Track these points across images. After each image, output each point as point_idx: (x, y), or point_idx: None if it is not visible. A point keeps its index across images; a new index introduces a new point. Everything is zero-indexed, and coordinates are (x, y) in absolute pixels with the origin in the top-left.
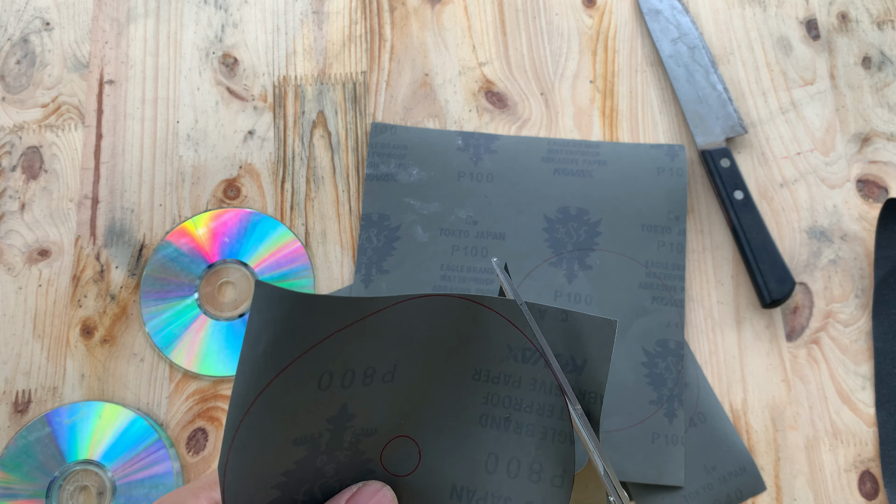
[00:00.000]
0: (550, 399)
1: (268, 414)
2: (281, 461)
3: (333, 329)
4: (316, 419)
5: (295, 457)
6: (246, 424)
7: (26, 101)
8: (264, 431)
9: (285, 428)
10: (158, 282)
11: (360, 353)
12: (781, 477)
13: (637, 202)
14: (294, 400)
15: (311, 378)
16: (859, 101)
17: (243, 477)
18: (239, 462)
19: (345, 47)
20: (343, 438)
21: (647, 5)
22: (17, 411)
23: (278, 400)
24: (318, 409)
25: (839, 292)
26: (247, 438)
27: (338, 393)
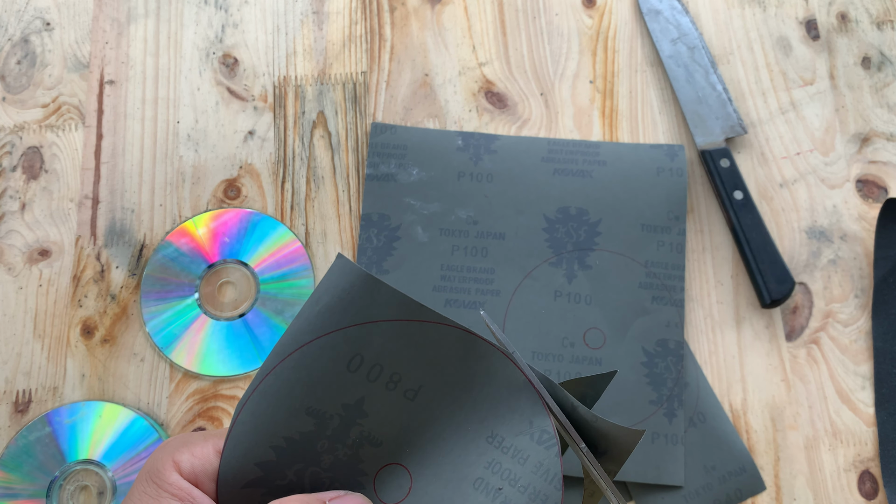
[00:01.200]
0: (547, 489)
1: (297, 371)
2: (289, 424)
3: (382, 317)
4: (333, 398)
5: (301, 427)
6: (277, 372)
7: (27, 102)
8: (287, 386)
9: (305, 393)
10: (159, 282)
11: (394, 354)
12: (781, 477)
13: (637, 202)
14: (322, 368)
15: (344, 355)
16: (859, 101)
17: (253, 425)
18: (256, 407)
19: (345, 47)
20: (349, 433)
21: (647, 5)
22: (18, 411)
23: (310, 362)
24: (339, 388)
25: (839, 292)
26: (271, 387)
27: (361, 383)
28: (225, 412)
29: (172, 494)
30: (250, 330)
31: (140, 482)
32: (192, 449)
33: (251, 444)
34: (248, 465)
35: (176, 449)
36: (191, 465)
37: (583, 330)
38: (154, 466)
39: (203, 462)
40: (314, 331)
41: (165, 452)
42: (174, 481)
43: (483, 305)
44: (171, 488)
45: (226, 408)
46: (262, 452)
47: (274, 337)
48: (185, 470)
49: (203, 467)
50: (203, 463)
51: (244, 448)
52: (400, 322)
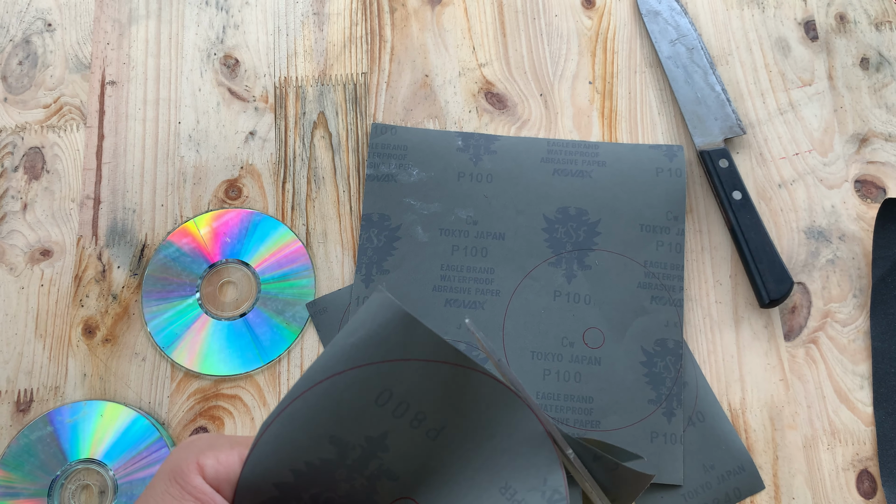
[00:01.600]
0: None
1: (325, 399)
2: (311, 450)
3: (416, 356)
4: (358, 430)
5: (323, 454)
6: (305, 398)
7: (28, 102)
8: (314, 413)
9: (331, 421)
10: (160, 282)
11: (423, 393)
12: (780, 476)
13: (636, 202)
14: (351, 400)
15: (374, 389)
16: (857, 101)
17: (275, 446)
18: (280, 429)
19: (345, 48)
20: (369, 465)
21: (646, 6)
22: (20, 410)
23: (340, 392)
24: (364, 421)
25: (837, 292)
26: (298, 412)
27: (387, 418)
28: (226, 411)
29: (196, 498)
30: (251, 329)
31: (162, 479)
32: (217, 454)
33: (271, 465)
34: (267, 485)
35: (201, 451)
36: (215, 470)
37: (582, 330)
38: (178, 466)
39: (227, 469)
40: (347, 362)
41: (191, 453)
42: (198, 485)
43: (483, 305)
44: (195, 491)
45: (227, 407)
46: (281, 473)
47: (274, 336)
48: (209, 475)
49: (227, 474)
50: (227, 470)
51: (264, 468)
52: (433, 363)
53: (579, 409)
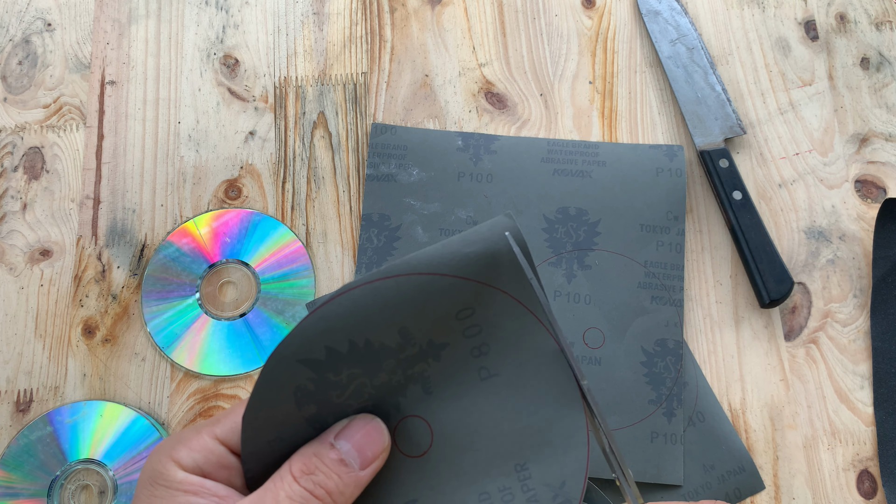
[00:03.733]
0: None
1: (417, 291)
2: (378, 330)
3: (511, 293)
4: (427, 331)
5: (386, 339)
6: (398, 281)
7: (28, 102)
8: (400, 299)
9: (411, 313)
10: (160, 282)
11: (498, 329)
12: (780, 476)
13: (636, 202)
14: (438, 302)
15: (462, 301)
16: (858, 101)
17: (349, 309)
18: (361, 298)
19: (345, 48)
20: (415, 366)
21: (646, 6)
22: (19, 410)
23: (434, 291)
24: (437, 326)
25: (837, 292)
26: (387, 290)
27: (456, 332)
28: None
29: (185, 492)
30: (251, 330)
31: (143, 488)
32: (188, 444)
33: (333, 325)
34: (314, 347)
35: (172, 448)
36: (192, 459)
37: (582, 329)
38: (155, 470)
39: (204, 452)
40: (453, 268)
41: (162, 455)
42: (182, 478)
43: None
44: (182, 485)
45: (227, 407)
46: (338, 340)
47: (274, 336)
48: (189, 466)
49: (206, 458)
50: (205, 454)
51: (321, 329)
52: (522, 308)
53: None
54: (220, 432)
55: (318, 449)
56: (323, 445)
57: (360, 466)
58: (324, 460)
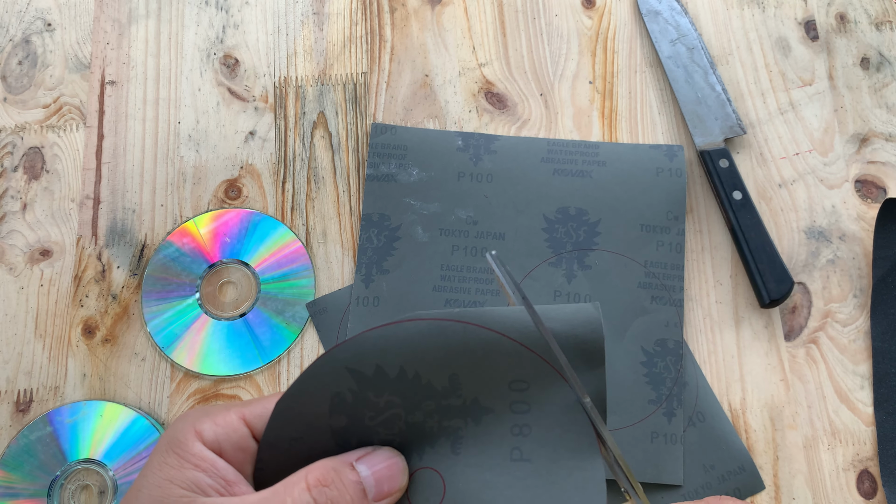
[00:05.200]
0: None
1: (484, 347)
2: (431, 368)
3: (571, 383)
4: (473, 389)
5: (434, 378)
6: (467, 328)
7: (28, 102)
8: (463, 348)
9: (467, 364)
10: (160, 282)
11: (548, 417)
12: (780, 476)
13: (636, 202)
14: (497, 365)
15: (519, 373)
16: (858, 101)
17: (409, 336)
18: (428, 330)
19: (345, 48)
20: (453, 420)
21: (646, 6)
22: (19, 411)
23: (499, 354)
24: (485, 387)
25: (837, 292)
26: (454, 333)
27: (503, 403)
28: None
29: (195, 465)
30: (251, 330)
31: (159, 452)
32: (214, 418)
33: (390, 348)
34: (366, 361)
35: (197, 419)
36: (214, 433)
37: None
38: (174, 437)
39: (227, 430)
40: (524, 336)
41: (186, 423)
42: (197, 451)
43: (483, 305)
44: (194, 459)
45: None
46: (390, 362)
47: (274, 336)
48: (209, 439)
49: (227, 435)
50: (227, 431)
51: (381, 345)
52: (579, 406)
53: None
54: (249, 414)
55: (338, 466)
56: (344, 464)
57: (374, 498)
58: (342, 478)
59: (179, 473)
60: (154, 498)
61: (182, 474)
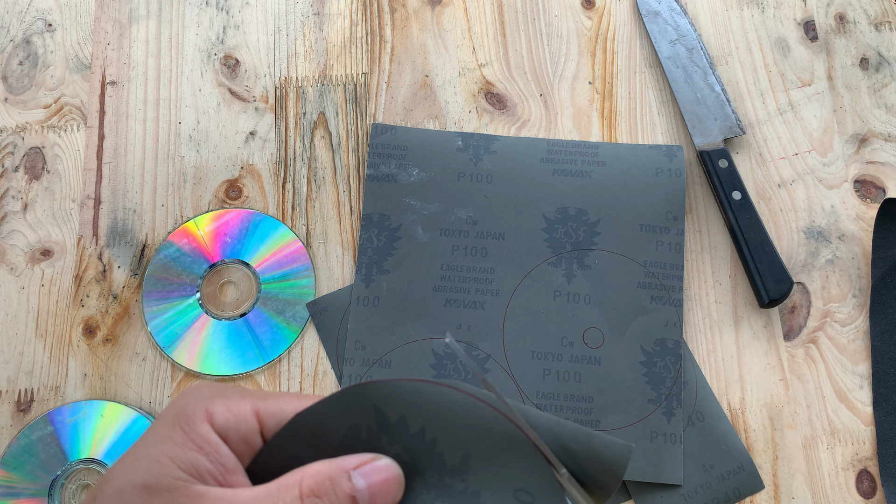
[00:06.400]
0: None
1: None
2: (447, 448)
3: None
4: (479, 477)
5: (450, 459)
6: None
7: (29, 102)
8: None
9: (479, 446)
10: (160, 281)
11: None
12: (779, 476)
13: (636, 202)
14: (510, 460)
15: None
16: (857, 101)
17: (402, 387)
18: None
19: (345, 49)
20: (453, 486)
21: (646, 7)
22: (20, 410)
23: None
24: (490, 470)
25: (837, 292)
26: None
27: (507, 498)
28: None
29: (199, 447)
30: (251, 329)
31: (164, 423)
32: (228, 403)
33: (420, 406)
34: (394, 407)
35: (210, 398)
36: (225, 420)
37: (582, 329)
38: (184, 411)
39: (237, 419)
40: (546, 442)
41: (199, 399)
42: (204, 433)
43: (483, 305)
44: (199, 440)
45: None
46: (414, 419)
47: (275, 336)
48: (219, 423)
49: (237, 425)
50: (238, 421)
51: (413, 398)
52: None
53: (579, 409)
54: (263, 410)
55: (335, 474)
56: (341, 473)
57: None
58: (336, 489)
59: (182, 452)
60: (152, 472)
61: (184, 454)
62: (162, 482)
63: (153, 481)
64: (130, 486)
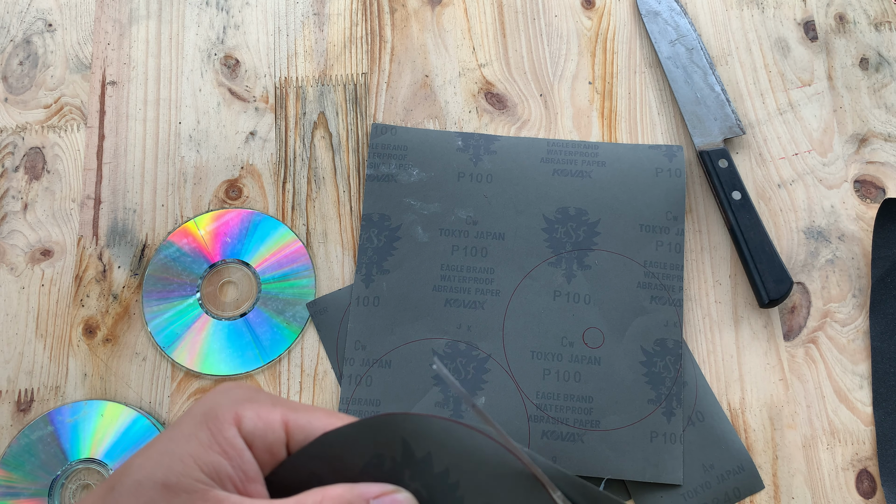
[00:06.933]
0: None
1: (501, 480)
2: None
3: None
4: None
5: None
6: (497, 452)
7: (29, 102)
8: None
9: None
10: (160, 281)
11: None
12: (779, 476)
13: (635, 202)
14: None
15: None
16: (857, 102)
17: (436, 425)
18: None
19: (345, 49)
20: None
21: (646, 7)
22: (20, 410)
23: (521, 487)
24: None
25: (836, 292)
26: (481, 460)
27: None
28: None
29: (223, 450)
30: (252, 329)
31: (192, 421)
32: (258, 409)
33: (450, 448)
34: (421, 443)
35: (240, 402)
36: (253, 424)
37: (582, 329)
38: (213, 411)
39: (265, 427)
40: (556, 480)
41: (230, 401)
42: (230, 436)
43: (483, 305)
44: (225, 443)
45: None
46: (441, 459)
47: (275, 336)
48: (247, 428)
49: (264, 434)
50: (265, 429)
51: (443, 438)
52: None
53: (579, 409)
54: (293, 423)
55: (355, 501)
56: (361, 502)
57: None
58: None
59: (206, 454)
60: (174, 471)
61: (208, 455)
62: (182, 482)
63: (174, 480)
64: (150, 481)
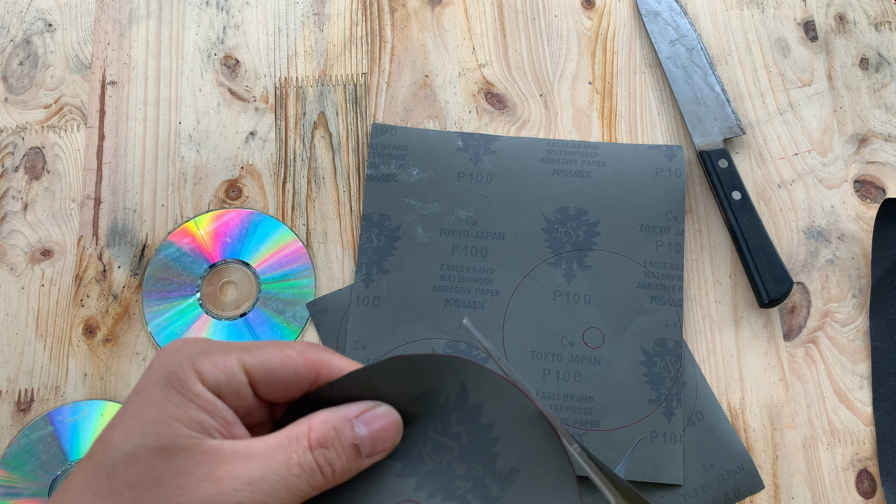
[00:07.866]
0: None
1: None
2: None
3: None
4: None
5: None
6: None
7: (29, 102)
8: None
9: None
10: (160, 281)
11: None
12: (779, 475)
13: (635, 202)
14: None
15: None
16: (857, 102)
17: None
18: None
19: (345, 49)
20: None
21: (646, 7)
22: (20, 410)
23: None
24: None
25: (836, 292)
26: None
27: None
28: None
29: (199, 406)
30: (252, 329)
31: (156, 386)
32: (213, 359)
33: (493, 388)
34: (478, 392)
35: (196, 357)
36: (214, 376)
37: (582, 329)
38: (173, 372)
39: (227, 375)
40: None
41: (184, 359)
42: (200, 392)
43: (483, 305)
44: (198, 399)
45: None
46: (491, 402)
47: (275, 336)
48: (209, 381)
49: (227, 381)
50: (227, 376)
51: (504, 392)
52: None
53: (579, 409)
54: (250, 362)
55: (339, 424)
56: (345, 423)
57: (367, 455)
58: (341, 439)
59: (184, 412)
60: (164, 434)
61: (187, 413)
62: (176, 442)
63: (167, 443)
64: (143, 449)
